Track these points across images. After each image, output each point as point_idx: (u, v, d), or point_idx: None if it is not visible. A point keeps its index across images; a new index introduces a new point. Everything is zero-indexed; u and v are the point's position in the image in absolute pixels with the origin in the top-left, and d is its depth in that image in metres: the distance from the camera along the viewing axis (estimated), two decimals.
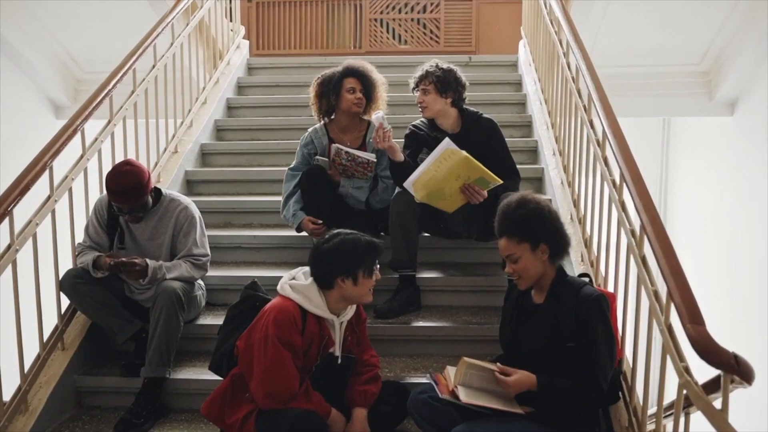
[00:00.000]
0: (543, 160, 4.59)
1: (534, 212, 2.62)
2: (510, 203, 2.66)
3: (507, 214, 2.65)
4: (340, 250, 2.65)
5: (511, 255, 2.63)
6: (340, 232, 2.71)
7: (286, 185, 3.82)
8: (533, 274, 2.63)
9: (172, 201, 3.39)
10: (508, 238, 2.63)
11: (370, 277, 2.69)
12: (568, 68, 4.04)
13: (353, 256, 2.65)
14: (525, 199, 2.66)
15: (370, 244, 2.70)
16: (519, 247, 2.61)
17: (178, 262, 3.30)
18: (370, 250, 2.69)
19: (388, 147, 3.48)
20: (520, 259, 2.62)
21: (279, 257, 4.07)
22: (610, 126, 3.04)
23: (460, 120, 3.71)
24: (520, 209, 2.62)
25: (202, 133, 5.01)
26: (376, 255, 2.71)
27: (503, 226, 2.66)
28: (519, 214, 2.61)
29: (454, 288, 3.73)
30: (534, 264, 2.62)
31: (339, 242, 2.67)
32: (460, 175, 3.32)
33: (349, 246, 2.66)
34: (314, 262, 2.71)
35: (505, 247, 2.65)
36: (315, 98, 3.82)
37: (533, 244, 2.60)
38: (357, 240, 2.68)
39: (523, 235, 2.60)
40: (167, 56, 4.50)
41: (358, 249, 2.66)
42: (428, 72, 3.63)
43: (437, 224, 3.69)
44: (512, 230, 2.61)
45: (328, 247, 2.67)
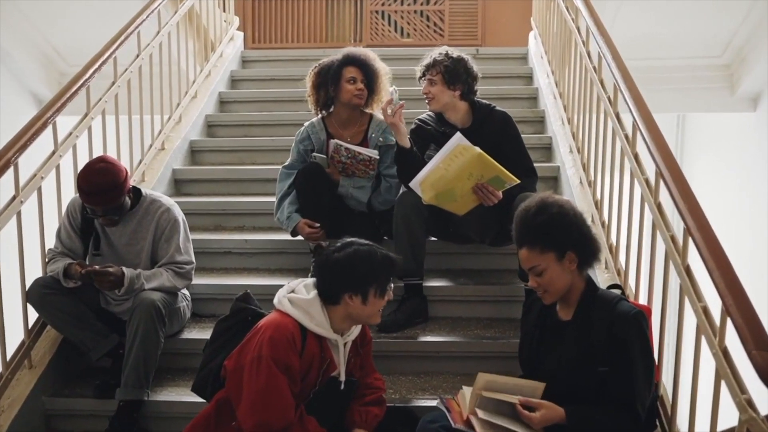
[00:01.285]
0: (558, 157, 4.26)
1: (558, 217, 2.29)
2: (528, 209, 2.34)
3: (526, 221, 2.32)
4: (353, 262, 2.33)
5: (534, 267, 2.31)
6: (354, 241, 2.39)
7: (280, 185, 3.48)
8: (560, 287, 2.31)
9: (153, 202, 3.06)
10: (530, 248, 2.31)
11: (381, 297, 2.36)
12: (589, 57, 3.71)
13: (367, 270, 2.32)
14: (545, 202, 2.33)
15: (387, 259, 2.37)
16: (543, 258, 2.29)
17: (159, 271, 2.97)
18: (386, 266, 2.36)
19: (393, 124, 3.14)
20: (545, 272, 2.30)
21: (273, 263, 3.75)
22: (642, 118, 2.71)
23: (470, 113, 3.37)
24: (541, 215, 2.30)
25: (192, 128, 4.69)
26: (392, 272, 2.39)
27: (523, 234, 2.33)
28: (541, 221, 2.29)
29: (464, 298, 3.40)
30: (561, 276, 2.30)
31: (352, 253, 2.34)
32: (472, 174, 2.99)
33: (364, 258, 2.34)
34: (322, 272, 2.38)
35: (526, 259, 2.33)
36: (312, 89, 3.48)
37: (559, 253, 2.28)
38: (372, 253, 2.35)
39: (546, 244, 2.28)
40: (153, 45, 4.18)
41: (373, 263, 2.34)
42: (436, 61, 3.30)
43: (446, 228, 3.35)
44: (534, 239, 2.29)
45: (339, 257, 2.34)
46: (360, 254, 2.33)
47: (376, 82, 3.45)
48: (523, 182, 3.12)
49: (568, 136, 4.21)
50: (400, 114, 3.15)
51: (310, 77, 3.48)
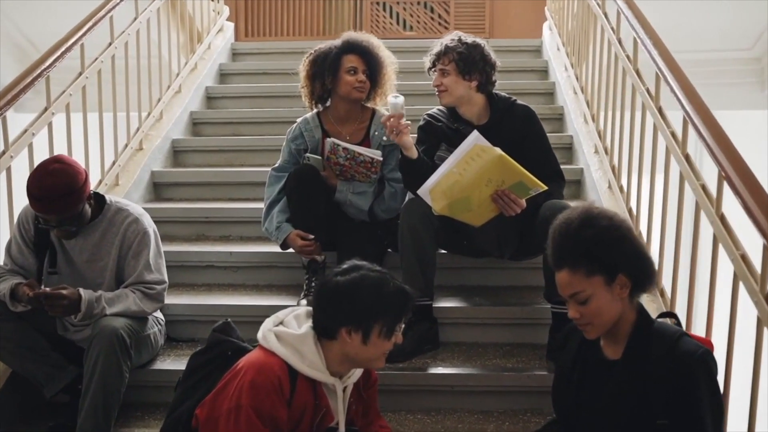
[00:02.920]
0: (582, 158, 3.83)
1: (608, 232, 1.86)
2: (570, 221, 1.90)
3: (568, 236, 1.89)
4: (357, 289, 1.89)
5: (576, 294, 1.88)
6: (364, 266, 1.95)
7: (269, 190, 3.05)
8: (608, 319, 1.89)
9: (119, 211, 2.62)
10: (572, 270, 1.87)
11: (387, 339, 1.92)
12: (620, 45, 3.27)
13: (373, 301, 1.88)
14: (591, 213, 1.90)
15: (400, 293, 1.93)
16: (588, 283, 1.86)
17: (124, 292, 2.54)
18: (398, 301, 1.92)
19: (400, 141, 2.71)
20: (590, 299, 1.87)
21: (262, 279, 3.31)
22: (697, 113, 2.27)
23: (488, 108, 2.93)
24: (588, 229, 1.86)
25: (174, 126, 4.25)
26: (405, 310, 1.95)
27: (564, 253, 1.90)
28: (587, 237, 1.85)
29: (480, 321, 2.96)
30: (610, 305, 1.88)
31: (359, 278, 1.90)
32: (491, 180, 2.56)
33: (372, 287, 1.90)
34: (319, 298, 1.94)
35: (567, 284, 1.89)
36: (306, 80, 3.04)
37: (608, 276, 1.86)
38: (383, 282, 1.92)
39: (594, 266, 1.85)
40: (129, 33, 3.73)
41: (382, 295, 1.90)
42: (448, 48, 2.86)
43: (459, 241, 2.92)
44: (578, 259, 1.86)
45: (342, 281, 1.91)
46: (368, 281, 1.89)
47: (380, 73, 3.01)
48: (550, 188, 2.68)
49: (592, 134, 3.78)
50: (407, 129, 2.71)
51: (304, 66, 3.04)
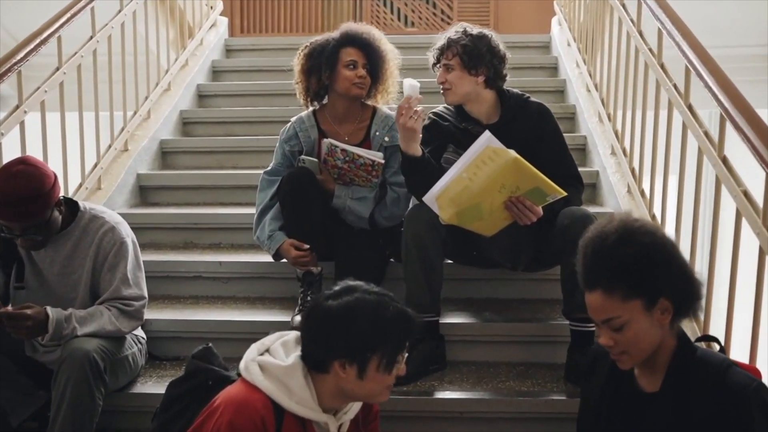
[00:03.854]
0: (597, 161, 3.59)
1: (650, 250, 1.61)
2: (605, 235, 1.65)
3: (603, 254, 1.64)
4: (351, 316, 1.61)
5: (611, 320, 1.63)
6: (358, 286, 1.67)
7: (260, 195, 2.80)
8: (646, 347, 1.65)
9: (94, 219, 2.37)
10: (607, 292, 1.62)
11: (387, 372, 1.65)
12: (641, 37, 3.03)
13: (369, 330, 1.61)
14: (631, 228, 1.64)
15: (401, 318, 1.65)
16: (625, 307, 1.61)
17: (98, 310, 2.29)
18: (399, 329, 1.64)
19: (410, 129, 2.44)
20: (626, 326, 1.62)
21: (254, 290, 3.06)
22: (739, 112, 2.02)
23: (498, 105, 2.68)
24: (627, 246, 1.61)
25: (163, 126, 4.00)
26: (406, 338, 1.67)
27: (598, 273, 1.65)
28: (626, 255, 1.61)
29: (491, 338, 2.71)
30: (648, 331, 1.64)
31: (353, 303, 1.63)
32: (505, 186, 2.31)
33: (368, 313, 1.62)
34: (308, 326, 1.67)
35: (600, 308, 1.65)
36: (301, 74, 2.79)
37: (649, 300, 1.61)
38: (381, 306, 1.63)
39: (632, 289, 1.61)
40: (112, 26, 3.48)
41: (380, 322, 1.62)
42: (452, 41, 2.61)
43: (468, 251, 2.67)
44: (614, 280, 1.61)
45: (334, 307, 1.63)
46: (363, 307, 1.62)
47: (382, 68, 2.76)
48: (568, 193, 2.43)
49: (608, 134, 3.54)
50: (420, 117, 2.45)
51: (299, 59, 2.79)
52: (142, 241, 3.32)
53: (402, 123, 2.44)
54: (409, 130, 2.45)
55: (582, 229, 2.44)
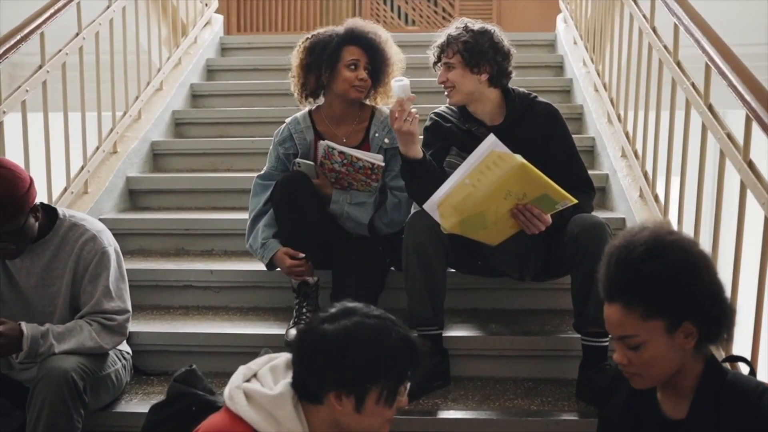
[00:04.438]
0: (606, 163, 3.44)
1: (679, 269, 1.46)
2: (633, 247, 1.49)
3: (628, 266, 1.49)
4: (349, 344, 1.44)
5: (628, 338, 1.49)
6: (356, 309, 1.49)
7: (253, 201, 2.65)
8: (662, 372, 1.51)
9: (74, 227, 2.22)
10: (627, 307, 1.48)
11: (388, 406, 1.48)
12: (655, 33, 2.88)
13: (368, 360, 1.44)
14: (662, 241, 1.49)
15: (405, 345, 1.48)
16: (644, 327, 1.47)
17: (78, 324, 2.14)
18: (402, 357, 1.47)
19: (407, 132, 2.30)
20: (644, 346, 1.48)
21: (246, 300, 2.91)
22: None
23: (503, 105, 2.53)
24: (654, 261, 1.46)
25: (154, 127, 3.85)
26: (411, 366, 1.50)
27: (620, 286, 1.50)
28: (652, 272, 1.46)
29: (498, 352, 2.56)
30: (666, 355, 1.49)
31: (351, 328, 1.45)
32: (511, 192, 2.16)
33: (367, 340, 1.45)
34: (300, 352, 1.50)
35: (617, 323, 1.50)
36: (298, 69, 2.63)
37: (671, 322, 1.46)
38: (382, 332, 1.46)
39: (654, 308, 1.46)
40: (100, 22, 3.33)
41: (381, 350, 1.45)
42: (452, 38, 2.46)
43: (473, 261, 2.52)
44: (636, 297, 1.47)
45: (330, 332, 1.46)
46: (363, 332, 1.45)
47: (385, 72, 2.61)
48: (579, 200, 2.28)
49: (619, 136, 3.38)
50: (415, 118, 2.31)
51: (299, 52, 2.63)
52: (130, 247, 3.21)
53: (397, 128, 2.30)
54: (405, 134, 2.31)
55: (594, 237, 2.31)
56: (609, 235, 2.30)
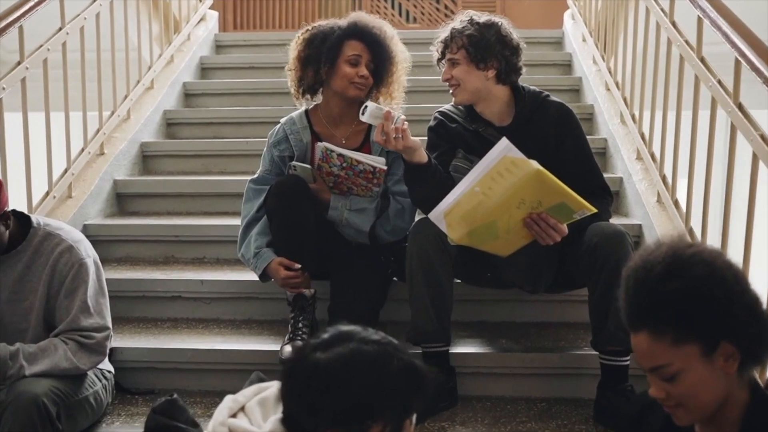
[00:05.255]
0: (620, 166, 3.27)
1: (705, 284, 1.28)
2: (651, 265, 1.31)
3: (648, 288, 1.30)
4: (346, 375, 1.23)
5: (661, 368, 1.31)
6: (353, 333, 1.28)
7: (246, 207, 2.48)
8: (708, 401, 1.33)
9: (49, 237, 2.04)
10: (655, 335, 1.30)
11: None
12: (675, 28, 2.70)
13: (369, 393, 1.24)
14: (681, 256, 1.30)
15: (409, 372, 1.26)
16: (677, 354, 1.29)
17: (52, 344, 1.96)
18: (407, 388, 1.26)
19: (404, 148, 2.14)
20: (680, 375, 1.30)
21: (239, 312, 2.74)
22: None
23: (513, 104, 2.35)
24: (675, 279, 1.28)
25: (144, 127, 3.68)
26: (416, 398, 1.30)
27: (643, 311, 1.32)
28: (674, 290, 1.27)
29: (509, 370, 2.39)
30: (708, 382, 1.31)
31: (348, 357, 1.24)
32: (525, 201, 1.99)
33: (367, 370, 1.23)
34: (291, 383, 1.30)
35: (647, 353, 1.32)
36: (296, 62, 2.46)
37: (707, 345, 1.28)
38: (384, 359, 1.25)
39: (684, 331, 1.28)
40: (85, 16, 3.15)
41: (383, 380, 1.23)
42: (456, 32, 2.28)
43: (481, 272, 2.35)
44: (662, 321, 1.28)
45: (323, 361, 1.23)
46: (360, 360, 1.25)
47: (388, 71, 2.43)
48: (598, 207, 2.10)
49: (634, 137, 3.21)
50: (406, 131, 2.13)
51: (297, 44, 2.46)
52: (117, 255, 3.04)
53: (394, 148, 2.13)
54: (404, 150, 2.14)
55: (614, 247, 2.13)
56: (630, 245, 2.14)
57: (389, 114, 2.11)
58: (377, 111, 2.12)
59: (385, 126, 2.11)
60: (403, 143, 2.12)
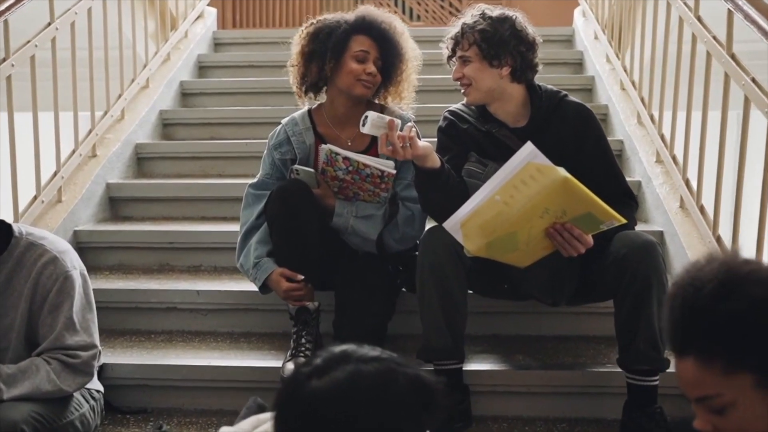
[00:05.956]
0: (638, 169, 3.12)
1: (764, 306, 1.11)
2: (701, 284, 1.14)
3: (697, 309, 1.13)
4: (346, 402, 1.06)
5: (709, 398, 1.14)
6: (350, 353, 1.07)
7: (245, 213, 2.32)
8: None
9: (31, 247, 1.89)
10: (703, 362, 1.13)
11: None
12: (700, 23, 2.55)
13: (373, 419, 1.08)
14: (736, 273, 1.13)
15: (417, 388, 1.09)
16: (728, 384, 1.12)
17: (34, 364, 1.81)
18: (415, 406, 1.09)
19: (415, 157, 1.99)
20: (731, 408, 1.13)
21: (238, 325, 2.58)
22: None
23: (528, 104, 2.20)
24: (729, 300, 1.11)
25: (139, 128, 3.53)
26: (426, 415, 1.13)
27: (689, 334, 1.15)
28: (728, 313, 1.11)
29: (527, 388, 2.23)
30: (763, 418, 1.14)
31: (346, 380, 1.04)
32: (549, 210, 1.84)
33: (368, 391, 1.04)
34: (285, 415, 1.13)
35: (694, 381, 1.15)
36: (300, 57, 2.30)
37: (763, 375, 1.12)
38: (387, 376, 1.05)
39: (737, 359, 1.11)
40: (76, 11, 3.00)
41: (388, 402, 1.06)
42: (467, 27, 2.12)
43: (498, 284, 2.20)
44: (712, 346, 1.12)
45: (319, 389, 1.06)
46: (361, 382, 1.07)
47: (397, 69, 2.28)
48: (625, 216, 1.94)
49: (653, 139, 3.05)
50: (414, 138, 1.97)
51: (301, 38, 2.31)
52: (109, 262, 2.89)
53: (403, 158, 1.98)
54: (415, 158, 1.98)
55: (644, 259, 1.97)
56: (661, 256, 1.98)
57: (393, 123, 1.95)
58: (379, 121, 1.96)
59: (390, 136, 1.95)
60: (412, 152, 1.97)
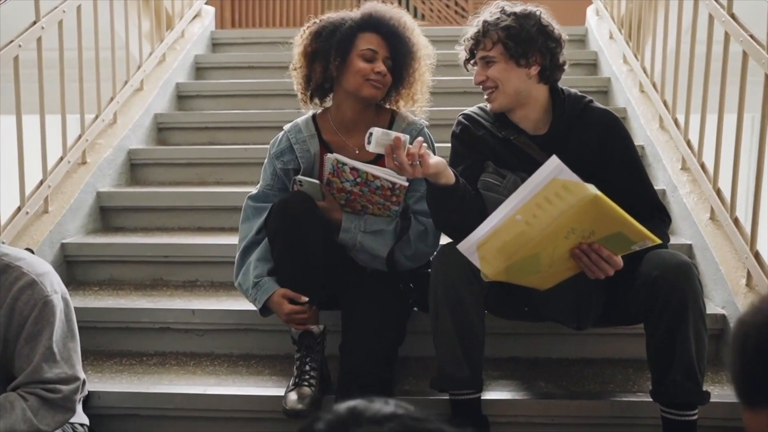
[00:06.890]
0: (662, 177, 2.95)
1: None
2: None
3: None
4: None
5: None
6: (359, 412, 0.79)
7: (244, 227, 2.14)
8: None
9: (7, 270, 1.70)
10: None
11: None
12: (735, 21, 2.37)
13: None
14: None
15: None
16: None
17: (8, 401, 1.63)
18: None
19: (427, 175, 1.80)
20: None
21: (236, 345, 2.41)
22: None
23: (550, 110, 2.01)
24: None
25: (132, 133, 3.35)
26: None
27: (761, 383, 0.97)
28: None
29: (550, 419, 2.05)
30: None
31: None
32: (575, 230, 1.65)
33: None
34: None
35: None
36: (302, 58, 2.12)
37: None
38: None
39: None
40: (64, 9, 2.82)
41: None
42: (489, 25, 1.94)
43: (517, 306, 2.02)
44: None
45: None
46: None
47: (409, 68, 2.10)
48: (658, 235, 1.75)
49: (678, 144, 2.88)
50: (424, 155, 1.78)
51: (303, 37, 2.13)
52: (99, 277, 2.72)
53: (413, 176, 1.81)
54: (427, 173, 1.79)
55: (679, 282, 1.78)
56: (697, 278, 1.80)
57: (399, 141, 1.76)
58: (384, 137, 1.78)
59: (397, 155, 1.77)
60: (422, 170, 1.78)
